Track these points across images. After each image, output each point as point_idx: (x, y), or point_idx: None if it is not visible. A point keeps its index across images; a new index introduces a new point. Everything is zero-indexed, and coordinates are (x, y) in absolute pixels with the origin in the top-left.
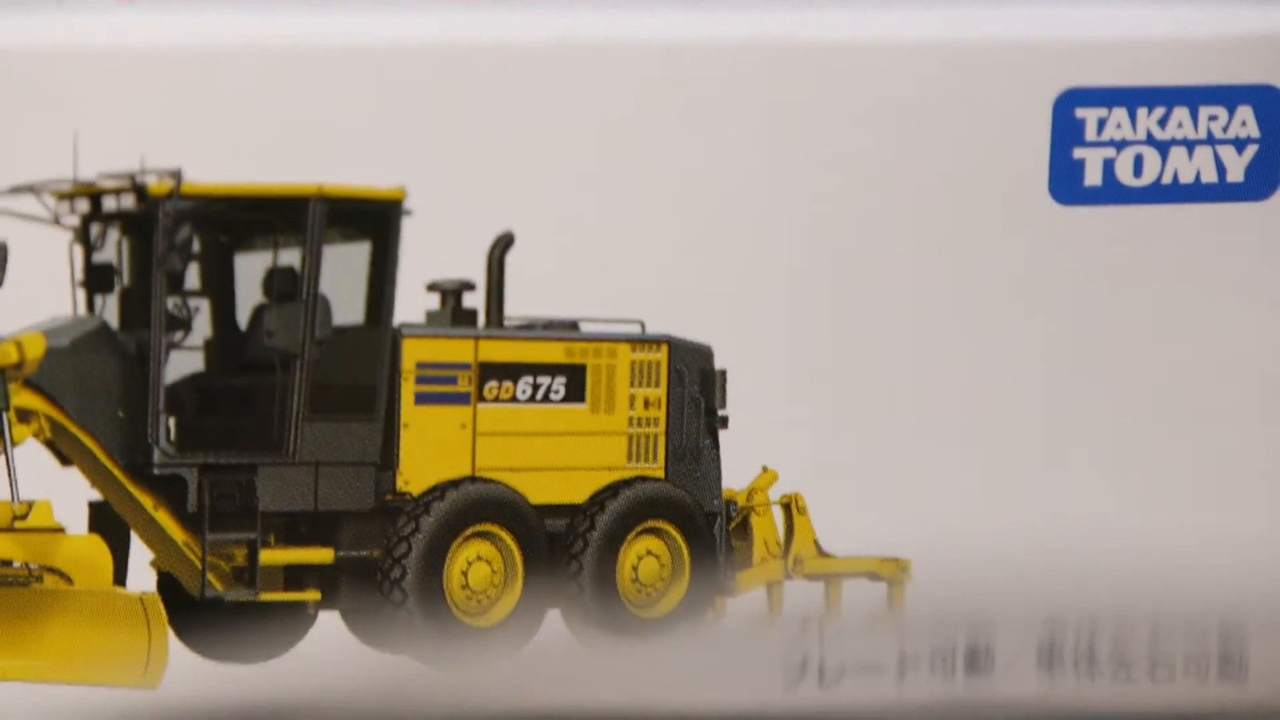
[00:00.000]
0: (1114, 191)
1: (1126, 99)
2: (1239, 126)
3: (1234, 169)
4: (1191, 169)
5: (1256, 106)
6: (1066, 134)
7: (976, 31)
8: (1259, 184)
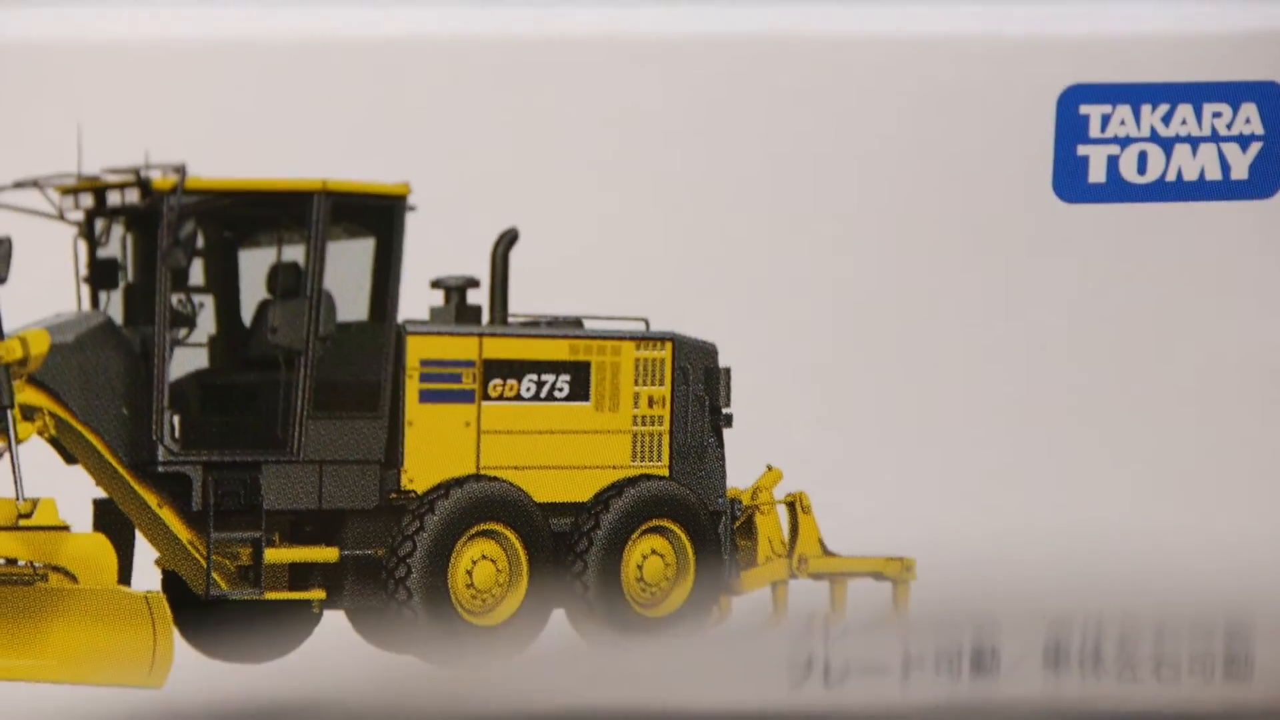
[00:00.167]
0: (1118, 189)
1: (1130, 95)
2: (1243, 124)
3: (1238, 166)
4: (1195, 166)
5: (1261, 104)
6: (1070, 130)
7: (980, 27)
8: (1263, 181)
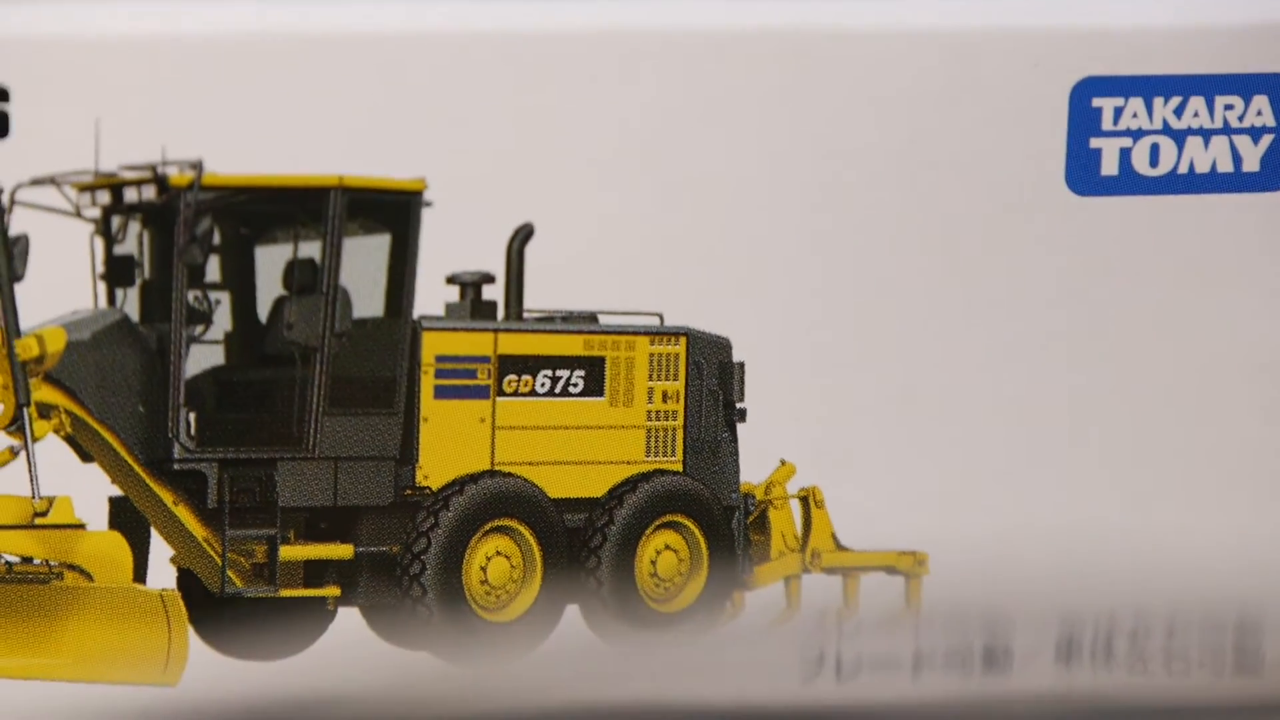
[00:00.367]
0: (1130, 181)
1: (1143, 88)
2: (1255, 116)
3: (1250, 158)
4: (1207, 159)
5: (1272, 96)
6: (1083, 123)
7: (993, 20)
8: (1275, 173)
